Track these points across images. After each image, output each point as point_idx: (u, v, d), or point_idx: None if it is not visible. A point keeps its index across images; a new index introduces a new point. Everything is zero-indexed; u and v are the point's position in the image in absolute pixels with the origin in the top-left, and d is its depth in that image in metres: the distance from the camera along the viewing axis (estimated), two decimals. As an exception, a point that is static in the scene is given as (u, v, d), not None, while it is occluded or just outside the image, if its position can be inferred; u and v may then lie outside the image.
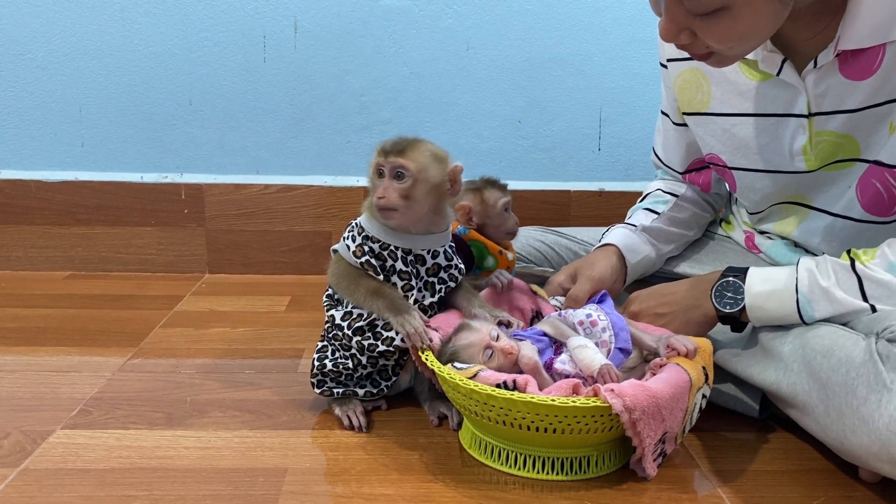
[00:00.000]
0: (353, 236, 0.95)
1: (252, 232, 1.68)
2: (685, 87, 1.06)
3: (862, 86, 0.86)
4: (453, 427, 0.94)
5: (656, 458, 0.83)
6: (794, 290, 0.88)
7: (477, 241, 1.04)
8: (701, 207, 1.20)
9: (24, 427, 0.93)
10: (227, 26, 1.61)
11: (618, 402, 0.76)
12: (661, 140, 1.20)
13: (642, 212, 1.17)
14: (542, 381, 0.84)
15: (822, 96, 0.90)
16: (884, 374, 0.75)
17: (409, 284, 0.93)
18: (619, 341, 0.88)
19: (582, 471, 0.84)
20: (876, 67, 0.84)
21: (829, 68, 0.88)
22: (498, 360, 0.86)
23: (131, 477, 0.82)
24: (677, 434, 0.84)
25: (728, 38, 0.80)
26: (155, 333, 1.28)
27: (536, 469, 0.84)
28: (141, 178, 1.65)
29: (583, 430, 0.79)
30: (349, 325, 0.94)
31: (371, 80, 1.65)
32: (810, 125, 0.92)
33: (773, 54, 0.91)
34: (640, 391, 0.77)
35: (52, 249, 1.65)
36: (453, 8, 1.63)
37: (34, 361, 1.15)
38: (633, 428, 0.77)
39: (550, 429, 0.79)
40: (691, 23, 0.80)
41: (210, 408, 0.99)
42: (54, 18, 1.58)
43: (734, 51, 0.84)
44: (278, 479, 0.82)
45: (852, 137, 0.90)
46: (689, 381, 0.82)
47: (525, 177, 1.71)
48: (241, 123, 1.66)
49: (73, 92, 1.61)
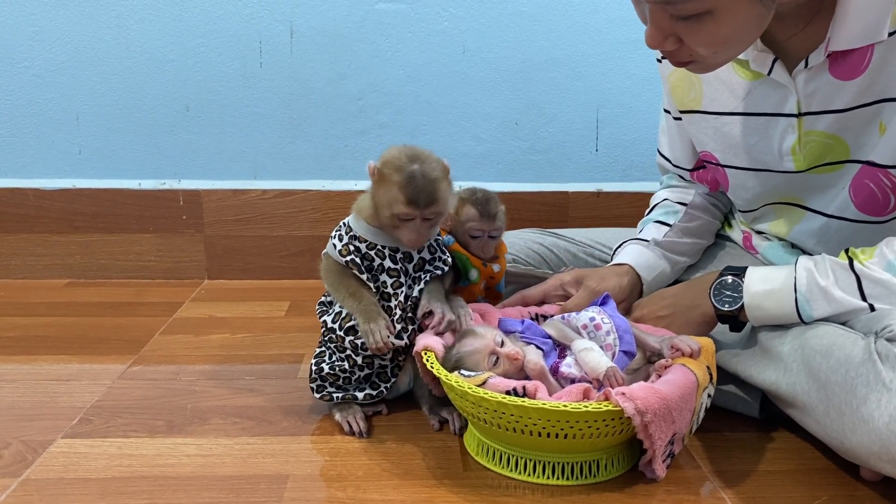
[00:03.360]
0: (340, 235, 0.96)
1: (250, 237, 1.68)
2: (678, 84, 1.07)
3: (849, 85, 0.86)
4: (454, 431, 0.94)
5: (665, 458, 0.83)
6: (793, 290, 0.88)
7: (459, 253, 1.03)
8: (711, 214, 1.18)
9: (25, 437, 0.93)
10: (223, 32, 1.61)
11: (630, 406, 0.76)
12: (666, 140, 1.18)
13: (653, 225, 1.15)
14: (548, 386, 0.84)
15: (812, 96, 0.90)
16: (883, 373, 0.75)
17: (398, 282, 0.94)
18: (624, 344, 0.88)
19: (592, 475, 0.84)
20: (864, 67, 0.84)
21: (819, 68, 0.88)
22: (504, 366, 0.85)
23: (132, 486, 0.82)
24: (685, 434, 0.84)
25: (713, 42, 0.80)
26: (154, 340, 1.28)
27: (546, 474, 0.83)
28: (139, 184, 1.65)
29: (594, 435, 0.79)
30: (340, 326, 0.95)
31: (368, 83, 1.65)
32: (799, 125, 0.93)
33: (765, 54, 0.91)
34: (650, 394, 0.77)
35: (50, 257, 1.65)
36: (449, 11, 1.63)
37: (34, 370, 1.15)
38: (645, 430, 0.77)
39: (562, 434, 0.79)
40: (676, 28, 0.80)
41: (211, 415, 0.99)
42: (50, 26, 1.58)
43: (718, 57, 0.83)
44: (279, 485, 0.82)
45: (841, 139, 0.91)
46: (696, 381, 0.82)
47: (523, 178, 1.71)
48: (238, 129, 1.66)
49: (70, 100, 1.61)
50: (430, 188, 0.89)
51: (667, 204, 1.18)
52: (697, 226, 1.15)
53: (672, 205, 1.17)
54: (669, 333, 0.93)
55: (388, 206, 0.90)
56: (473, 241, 1.04)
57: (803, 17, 0.86)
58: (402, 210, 0.89)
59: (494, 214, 1.03)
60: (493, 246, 1.05)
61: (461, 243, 1.05)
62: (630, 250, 1.11)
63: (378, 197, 0.91)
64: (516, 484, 0.83)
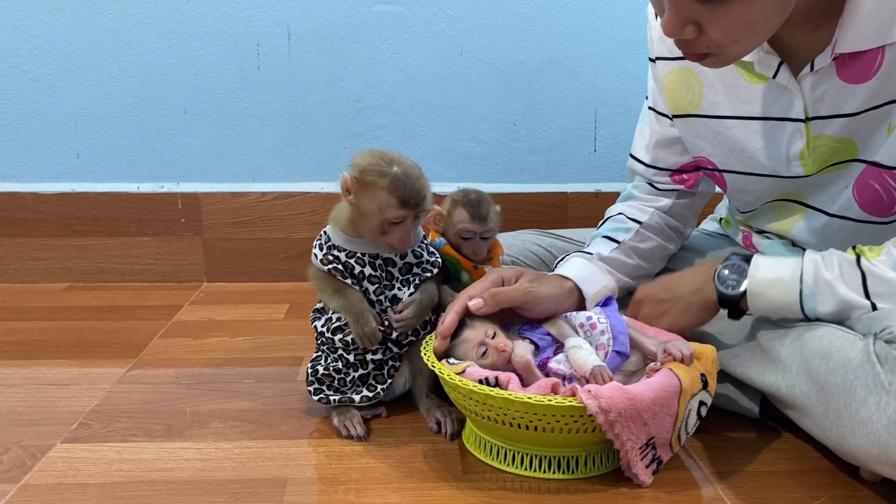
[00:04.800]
0: (320, 245, 0.97)
1: (249, 240, 1.68)
2: (674, 86, 1.04)
3: (860, 89, 0.85)
4: (447, 436, 0.94)
5: (649, 464, 0.83)
6: (799, 281, 0.85)
7: (449, 256, 1.03)
8: (665, 237, 1.12)
9: (24, 442, 0.93)
10: (221, 35, 1.61)
11: (593, 403, 0.77)
12: (643, 143, 1.13)
13: (601, 240, 1.08)
14: (533, 380, 0.84)
15: (820, 100, 0.89)
16: (882, 375, 0.75)
17: (380, 288, 0.95)
18: (617, 344, 0.88)
19: (587, 469, 0.85)
20: (875, 70, 0.83)
21: (826, 72, 0.86)
22: (492, 358, 0.87)
23: (132, 490, 0.82)
24: (671, 440, 0.84)
25: (736, 28, 0.76)
26: (154, 344, 1.28)
27: (534, 468, 0.85)
28: (137, 188, 1.65)
29: (564, 430, 0.80)
30: (328, 329, 0.96)
31: (365, 85, 1.65)
32: (807, 130, 0.91)
33: (770, 56, 0.90)
34: (617, 393, 0.78)
35: (49, 261, 1.65)
36: (446, 12, 1.63)
37: (33, 375, 1.15)
38: (612, 429, 0.78)
39: (532, 427, 0.80)
40: (698, 13, 0.75)
41: (210, 418, 0.99)
42: (47, 30, 1.58)
43: (738, 47, 0.81)
44: (279, 489, 0.82)
45: (851, 140, 0.89)
46: (677, 385, 0.82)
47: (521, 179, 1.71)
48: (236, 132, 1.65)
49: (68, 103, 1.61)
50: (418, 186, 0.90)
51: (620, 219, 1.11)
52: (648, 248, 1.09)
53: (626, 221, 1.11)
54: (672, 337, 0.91)
55: (379, 212, 0.89)
56: (465, 243, 1.04)
57: (812, 19, 0.84)
58: (395, 213, 0.89)
59: (486, 216, 1.02)
60: (485, 247, 1.05)
61: (453, 245, 1.04)
62: (573, 264, 1.02)
63: (364, 205, 0.90)
64: (515, 487, 0.83)
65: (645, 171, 1.14)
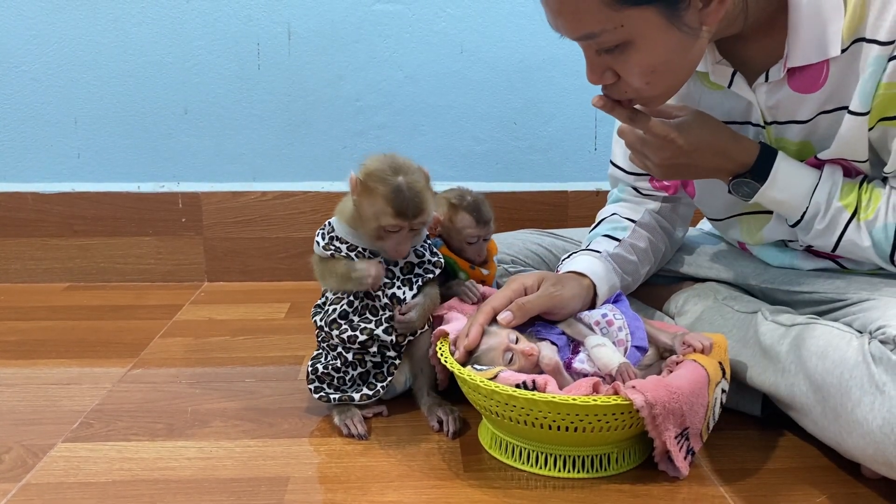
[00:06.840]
0: (322, 234, 0.98)
1: (250, 239, 1.68)
2: None
3: (810, 98, 0.87)
4: (448, 435, 0.94)
5: (686, 455, 0.83)
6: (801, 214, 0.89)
7: (447, 257, 1.03)
8: (658, 237, 1.11)
9: (26, 441, 0.93)
10: (221, 34, 1.61)
11: (639, 398, 0.77)
12: (621, 150, 1.11)
13: (603, 239, 1.07)
14: (562, 381, 0.85)
15: (775, 108, 0.91)
16: (876, 376, 0.76)
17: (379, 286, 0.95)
18: (636, 339, 0.89)
19: (603, 468, 0.85)
20: (822, 82, 0.85)
21: (778, 83, 0.88)
22: (519, 363, 0.86)
23: (133, 489, 0.82)
24: (701, 430, 0.85)
25: (642, 72, 0.81)
26: (155, 343, 1.28)
27: (558, 467, 0.85)
28: (138, 187, 1.65)
29: (604, 428, 0.81)
30: (326, 323, 0.96)
31: (366, 84, 1.65)
32: (769, 133, 0.93)
33: (722, 66, 0.91)
34: (660, 387, 0.79)
35: (50, 261, 1.65)
36: (447, 11, 1.63)
37: (34, 374, 1.15)
38: (654, 423, 0.79)
39: (572, 427, 0.80)
40: (607, 61, 0.82)
41: (211, 417, 0.99)
42: (48, 30, 1.58)
43: (651, 90, 0.83)
44: (280, 488, 0.82)
45: (808, 143, 0.91)
46: (706, 376, 0.83)
47: (522, 178, 1.71)
48: (236, 131, 1.66)
49: (69, 103, 1.61)
50: (417, 199, 0.90)
51: (615, 219, 1.11)
52: (644, 248, 1.09)
53: (621, 220, 1.11)
54: (683, 329, 0.94)
55: (375, 218, 0.90)
56: (470, 247, 1.04)
57: (763, 32, 0.86)
58: (390, 222, 0.90)
59: (489, 219, 1.04)
60: (486, 248, 1.06)
61: (455, 249, 1.05)
62: (582, 260, 1.01)
63: (363, 208, 0.92)
64: (518, 483, 0.83)
65: (626, 177, 1.14)
